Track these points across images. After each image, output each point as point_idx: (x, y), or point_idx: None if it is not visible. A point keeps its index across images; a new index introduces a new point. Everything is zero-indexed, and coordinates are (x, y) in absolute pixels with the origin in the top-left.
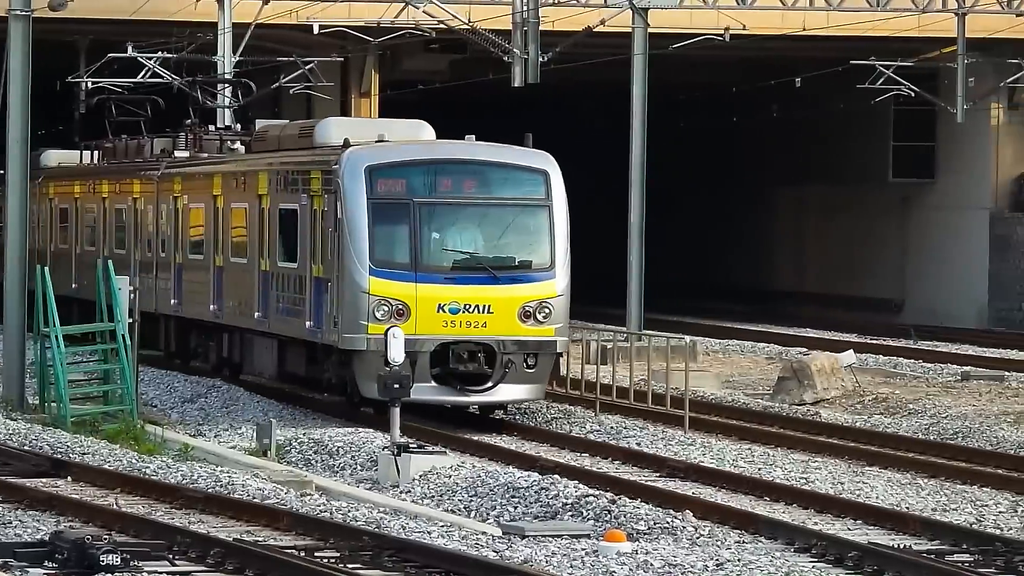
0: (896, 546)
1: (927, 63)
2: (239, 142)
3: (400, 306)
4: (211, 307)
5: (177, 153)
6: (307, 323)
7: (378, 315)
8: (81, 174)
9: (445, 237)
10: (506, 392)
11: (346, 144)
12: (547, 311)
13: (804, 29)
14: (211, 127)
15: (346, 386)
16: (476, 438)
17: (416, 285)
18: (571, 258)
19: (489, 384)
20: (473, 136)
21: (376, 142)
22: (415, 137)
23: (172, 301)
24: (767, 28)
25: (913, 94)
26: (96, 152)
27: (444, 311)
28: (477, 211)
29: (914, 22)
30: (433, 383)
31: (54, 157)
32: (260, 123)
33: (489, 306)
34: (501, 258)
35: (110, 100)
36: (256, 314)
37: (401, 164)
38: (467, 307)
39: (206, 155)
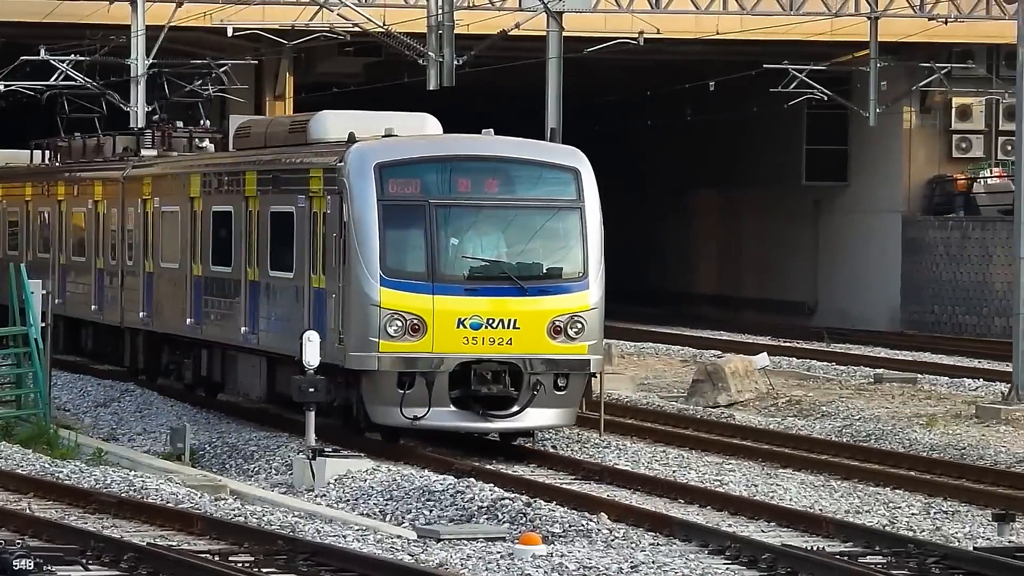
0: (809, 548)
1: (840, 67)
2: (209, 139)
3: (415, 321)
4: (187, 320)
5: (144, 152)
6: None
7: (390, 331)
8: (32, 175)
9: (465, 243)
10: (534, 417)
11: (351, 139)
12: (580, 326)
13: (718, 33)
14: (179, 123)
15: (351, 409)
16: (390, 444)
17: (433, 297)
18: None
19: (515, 408)
20: (492, 129)
21: (384, 136)
22: (419, 131)
23: (141, 314)
24: (681, 32)
25: (826, 98)
26: (48, 151)
27: (464, 326)
28: (501, 214)
29: (827, 26)
30: (452, 407)
31: (1, 157)
32: (235, 118)
33: (515, 320)
34: (528, 266)
35: (62, 96)
36: (242, 329)
37: (415, 161)
38: (490, 322)
39: (176, 154)
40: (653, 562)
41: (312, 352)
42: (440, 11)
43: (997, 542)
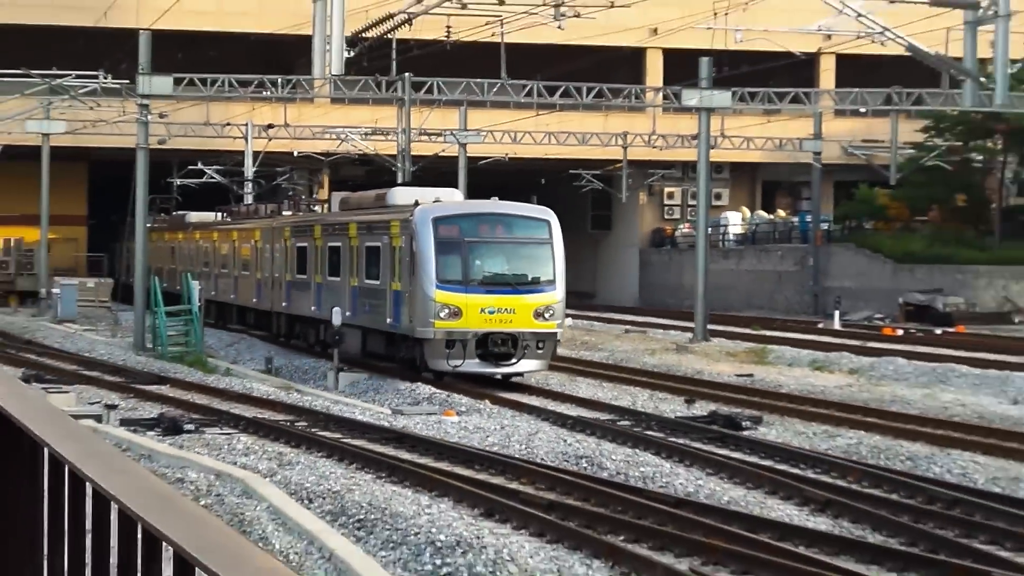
0: (597, 419)
1: (608, 171)
2: (317, 205)
3: (456, 309)
4: (312, 307)
5: (284, 212)
6: (387, 319)
7: (442, 315)
8: (216, 225)
9: (484, 263)
10: (524, 365)
11: (416, 203)
12: (551, 312)
13: (547, 155)
14: (301, 198)
15: (414, 360)
16: (382, 364)
17: (466, 295)
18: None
19: (514, 360)
20: (496, 197)
21: (434, 202)
22: (452, 197)
23: (283, 303)
24: (530, 153)
25: (601, 186)
26: (222, 213)
27: (484, 312)
28: (505, 246)
29: (601, 151)
30: (477, 360)
31: (195, 216)
32: (336, 194)
33: (514, 309)
34: (521, 276)
35: (233, 183)
36: (347, 312)
37: (455, 216)
38: (499, 309)
39: (301, 214)
40: (513, 425)
41: (337, 318)
42: (403, 143)
43: (685, 413)
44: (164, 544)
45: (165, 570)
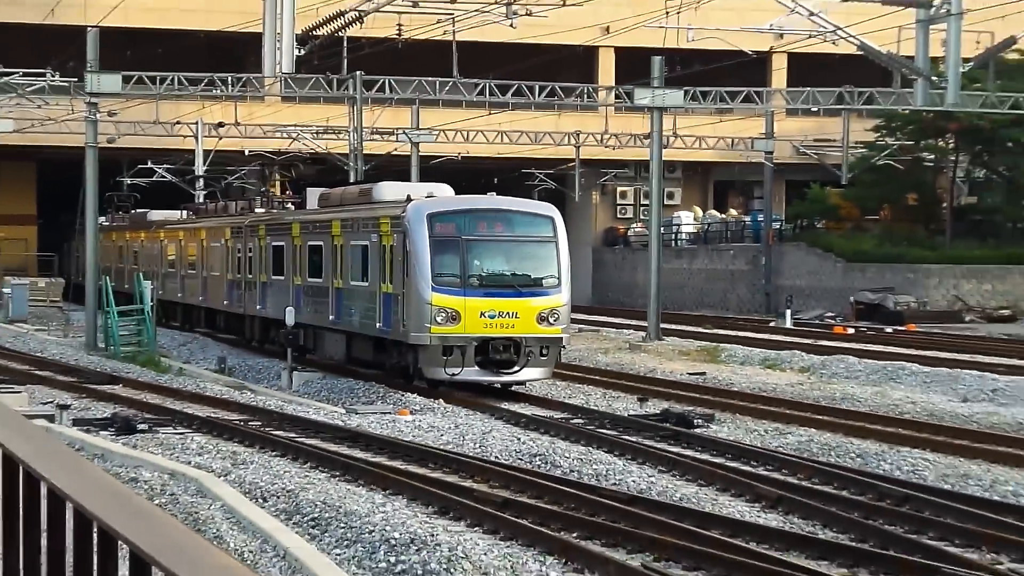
0: (549, 417)
1: (561, 171)
2: (290, 203)
3: (453, 313)
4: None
5: (257, 210)
6: (377, 324)
7: (438, 320)
8: (182, 224)
9: (484, 263)
10: (527, 373)
11: (408, 199)
12: (556, 316)
13: (499, 154)
14: (274, 194)
15: (407, 368)
16: (369, 372)
17: (465, 298)
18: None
19: (516, 368)
20: (494, 192)
21: (427, 197)
22: (441, 193)
23: (257, 306)
24: (483, 152)
25: (554, 186)
26: (186, 211)
27: (484, 316)
28: (506, 245)
29: (554, 151)
30: (476, 368)
31: (157, 214)
32: (312, 190)
33: (516, 312)
34: (523, 278)
35: (184, 181)
36: (330, 316)
37: (452, 212)
38: (500, 314)
39: (275, 211)
40: (467, 424)
41: (290, 317)
42: (355, 142)
43: (638, 411)
44: (120, 543)
45: (121, 569)
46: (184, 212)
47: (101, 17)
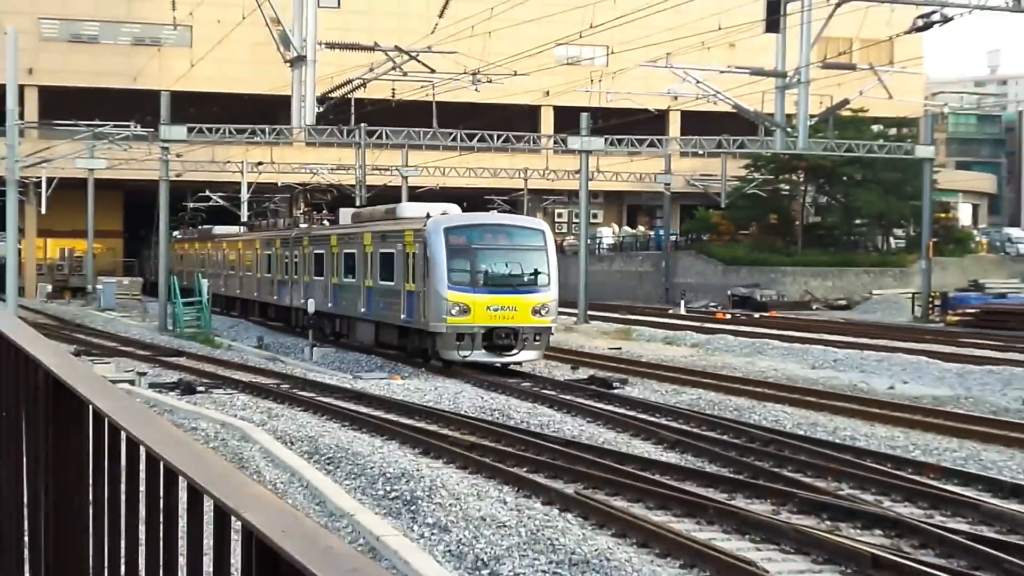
0: (508, 382)
1: (513, 197)
2: (326, 220)
3: (465, 307)
4: (328, 304)
5: (301, 225)
6: (402, 315)
7: (453, 312)
8: (241, 236)
9: (489, 267)
10: (524, 356)
11: (428, 215)
12: (547, 309)
13: (467, 185)
14: (314, 213)
15: (426, 350)
16: (344, 342)
17: (474, 295)
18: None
19: (515, 351)
20: (495, 210)
21: (442, 214)
22: (452, 211)
23: (301, 300)
24: (455, 184)
25: (509, 208)
26: (244, 227)
27: (490, 310)
28: (507, 252)
29: (508, 182)
30: (483, 351)
31: (220, 229)
32: (343, 210)
33: (515, 307)
34: (521, 279)
35: (232, 206)
36: (362, 309)
37: (464, 226)
38: (503, 307)
39: (315, 227)
40: (444, 387)
41: (311, 307)
42: (360, 176)
43: (571, 376)
44: (180, 477)
45: (181, 497)
46: (241, 228)
47: (172, 83)
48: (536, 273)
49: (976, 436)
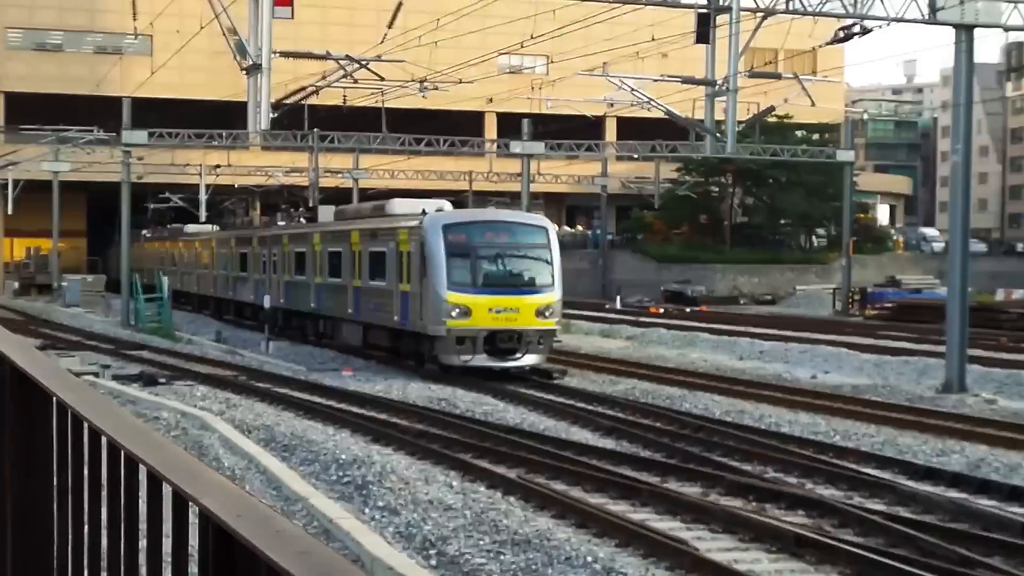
0: (454, 373)
1: (459, 199)
2: (302, 219)
3: (466, 309)
4: (311, 304)
5: (279, 222)
6: (395, 317)
7: (453, 315)
8: (214, 235)
9: (491, 267)
10: (528, 359)
11: (424, 212)
12: (551, 311)
13: (415, 187)
14: (292, 211)
15: (421, 354)
16: (328, 343)
17: (476, 296)
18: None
19: (519, 355)
20: (493, 206)
21: (436, 211)
22: (444, 208)
23: (280, 299)
24: (404, 185)
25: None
26: (216, 225)
27: (492, 312)
28: (509, 251)
29: (453, 184)
30: (485, 355)
31: (192, 227)
32: (323, 207)
33: (519, 308)
34: (524, 279)
35: (191, 207)
36: (349, 310)
37: (463, 223)
38: (505, 309)
39: (293, 223)
40: (394, 378)
41: (268, 301)
42: (313, 178)
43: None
44: (140, 466)
45: (141, 485)
46: (213, 226)
47: (133, 90)
48: (540, 272)
49: (892, 422)
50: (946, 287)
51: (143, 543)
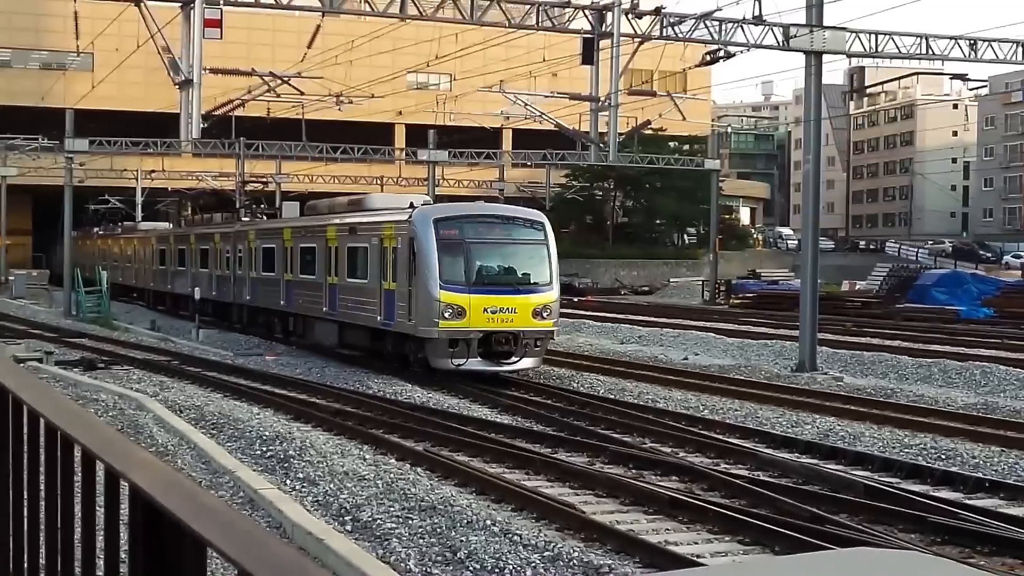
0: (366, 359)
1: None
2: (265, 215)
3: (459, 309)
4: (281, 302)
5: (243, 218)
6: (378, 317)
7: (446, 315)
8: (172, 232)
9: (486, 264)
10: (524, 363)
11: (411, 206)
12: (549, 311)
13: (333, 190)
14: (256, 208)
15: (406, 356)
16: (297, 341)
17: (470, 295)
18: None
19: (515, 359)
20: (483, 201)
21: (423, 204)
22: (423, 202)
23: (247, 296)
24: (322, 189)
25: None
26: (172, 222)
27: (487, 312)
28: (505, 247)
29: (367, 188)
30: (479, 358)
31: (145, 224)
32: (287, 204)
33: (515, 308)
34: (520, 278)
35: (128, 208)
36: (324, 308)
37: (455, 218)
38: (502, 309)
39: (259, 220)
40: (312, 362)
41: (197, 294)
42: (240, 183)
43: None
44: (75, 446)
45: (76, 464)
46: (169, 223)
47: (75, 102)
48: (537, 270)
49: (754, 398)
50: (799, 279)
51: (78, 518)
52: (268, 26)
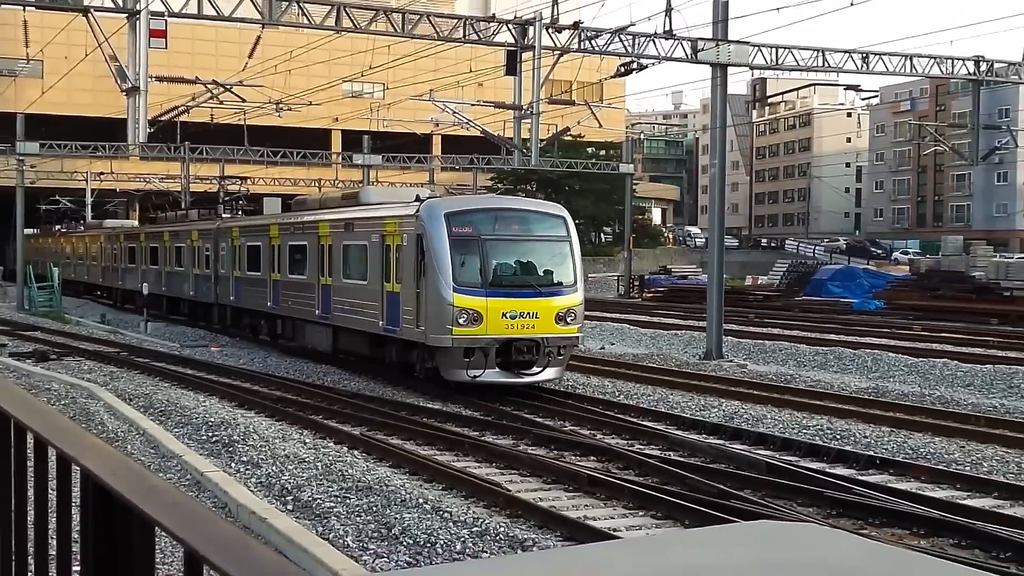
0: (307, 350)
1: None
2: (242, 211)
3: (476, 314)
4: (268, 303)
5: (225, 215)
6: (380, 322)
7: (460, 321)
8: (143, 229)
9: (504, 264)
10: (547, 373)
11: (418, 199)
12: (574, 315)
13: (274, 191)
14: (237, 204)
15: (413, 366)
16: (285, 344)
17: (487, 299)
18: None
19: (537, 369)
20: (484, 190)
21: (429, 197)
22: (426, 194)
23: (231, 297)
24: (263, 190)
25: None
26: (140, 221)
27: (506, 317)
28: (524, 244)
29: (306, 190)
30: (498, 369)
31: (110, 223)
32: (268, 199)
33: (537, 313)
34: (542, 278)
35: (78, 207)
36: (317, 311)
37: (469, 211)
38: (522, 314)
39: (239, 214)
40: (256, 353)
41: (145, 289)
42: (185, 184)
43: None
44: (28, 433)
45: (29, 449)
46: (138, 221)
47: (26, 107)
48: (561, 270)
49: (665, 384)
50: (707, 274)
51: (31, 502)
52: (211, 37)
